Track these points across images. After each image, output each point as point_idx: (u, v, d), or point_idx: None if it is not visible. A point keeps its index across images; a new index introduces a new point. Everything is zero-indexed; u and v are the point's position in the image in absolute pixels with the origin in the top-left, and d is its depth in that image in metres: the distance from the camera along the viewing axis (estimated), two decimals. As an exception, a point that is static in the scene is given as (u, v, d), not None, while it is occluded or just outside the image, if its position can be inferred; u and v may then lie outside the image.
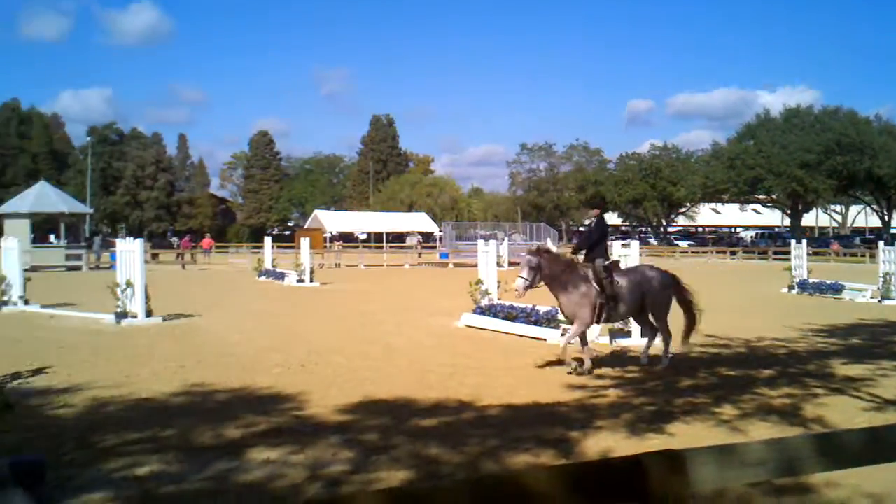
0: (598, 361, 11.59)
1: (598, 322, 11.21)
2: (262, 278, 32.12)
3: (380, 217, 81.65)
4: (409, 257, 54.74)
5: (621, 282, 11.03)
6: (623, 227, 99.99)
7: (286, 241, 68.34)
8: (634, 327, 13.58)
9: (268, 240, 37.00)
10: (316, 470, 6.20)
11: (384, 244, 68.32)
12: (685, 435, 7.35)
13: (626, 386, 9.98)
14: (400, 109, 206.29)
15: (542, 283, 10.96)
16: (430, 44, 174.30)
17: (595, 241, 11.27)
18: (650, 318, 11.52)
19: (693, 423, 7.95)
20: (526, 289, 10.77)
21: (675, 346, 11.45)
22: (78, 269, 39.92)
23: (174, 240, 59.87)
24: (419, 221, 77.98)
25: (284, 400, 8.97)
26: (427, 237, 72.90)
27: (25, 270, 21.02)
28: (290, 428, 7.63)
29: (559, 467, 2.76)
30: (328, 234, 68.08)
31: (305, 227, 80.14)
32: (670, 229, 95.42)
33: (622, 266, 12.25)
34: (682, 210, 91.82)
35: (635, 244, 14.61)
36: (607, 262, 11.06)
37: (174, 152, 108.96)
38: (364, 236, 77.51)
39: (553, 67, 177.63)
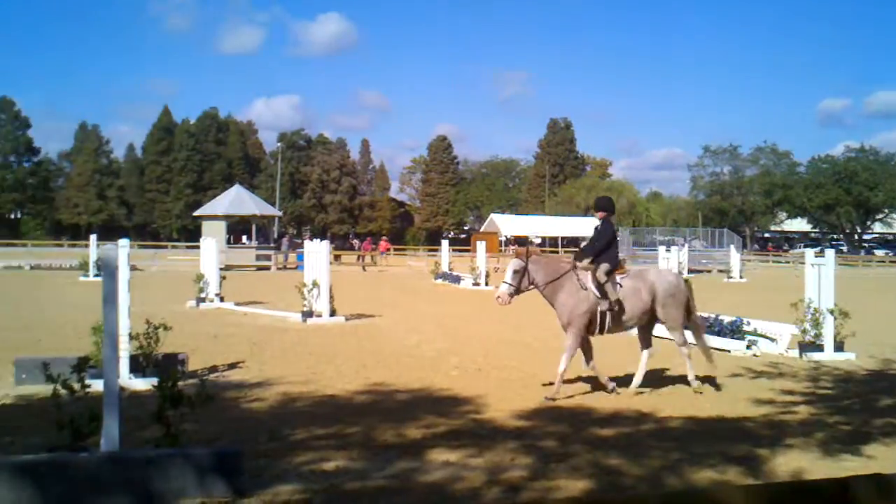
0: (789, 376, 11.08)
1: (600, 332, 9.79)
2: (439, 281, 32.69)
3: (555, 221, 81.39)
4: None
5: (626, 284, 9.80)
6: (812, 235, 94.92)
7: (462, 244, 69.30)
8: (827, 340, 12.85)
9: (444, 243, 37.60)
10: (495, 474, 6.23)
11: (559, 248, 68.00)
12: (886, 458, 6.87)
13: (818, 403, 9.45)
14: (578, 112, 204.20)
15: (533, 289, 9.82)
16: (609, 45, 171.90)
17: (602, 248, 9.87)
18: (667, 328, 10.31)
19: (894, 445, 7.42)
20: (511, 295, 9.67)
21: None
22: (267, 268, 42.01)
23: (356, 242, 61.84)
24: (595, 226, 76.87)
25: (462, 402, 9.09)
26: (603, 242, 71.87)
27: (220, 269, 22.31)
28: (468, 431, 7.71)
29: (755, 487, 2.64)
30: (503, 238, 68.43)
31: (481, 230, 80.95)
32: (865, 237, 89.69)
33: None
34: (880, 216, 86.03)
35: (830, 253, 13.78)
36: (612, 267, 9.79)
37: (357, 157, 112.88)
38: (539, 240, 77.43)
39: (739, 66, 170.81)
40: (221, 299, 20.56)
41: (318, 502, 5.52)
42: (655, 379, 10.67)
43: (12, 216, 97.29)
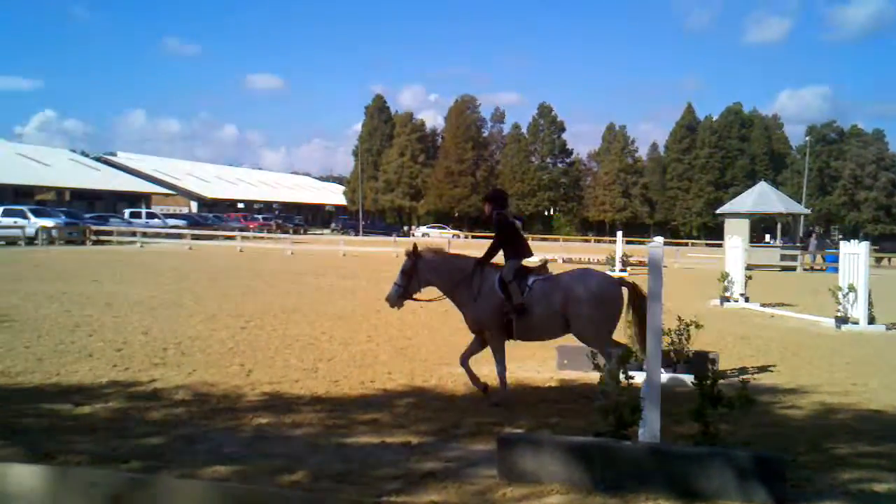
0: None
1: (509, 338, 8.63)
2: None
3: None
4: None
5: (537, 287, 8.46)
6: None
7: None
8: None
9: None
10: None
11: None
12: None
13: None
14: None
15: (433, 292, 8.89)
16: None
17: (497, 245, 8.85)
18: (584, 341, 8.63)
19: None
20: (400, 298, 8.70)
21: None
22: (792, 269, 40.11)
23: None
24: None
25: None
26: None
27: (744, 268, 21.81)
28: None
29: None
30: None
31: None
32: None
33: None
34: None
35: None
36: (519, 264, 8.60)
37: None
38: None
39: None
40: (746, 299, 20.11)
41: (870, 527, 5.07)
42: None
43: (546, 213, 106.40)
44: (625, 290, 8.66)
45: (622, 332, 8.82)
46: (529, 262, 8.76)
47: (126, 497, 2.27)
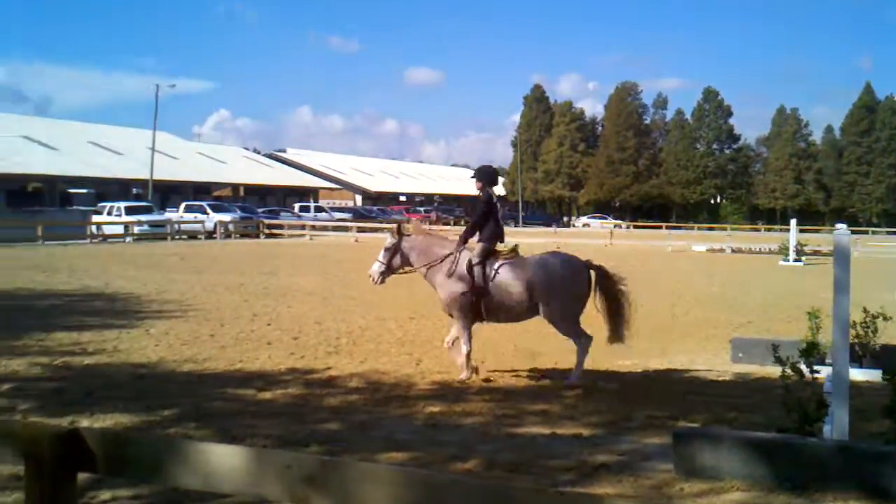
0: None
1: (479, 320, 8.93)
2: None
3: None
4: None
5: (502, 271, 8.69)
6: None
7: None
8: None
9: None
10: None
11: None
12: None
13: None
14: None
15: (412, 270, 9.32)
16: None
17: (475, 224, 9.19)
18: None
19: None
20: (382, 275, 9.16)
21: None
22: None
23: None
24: None
25: None
26: None
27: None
28: None
29: None
30: None
31: None
32: None
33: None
34: None
35: None
36: (490, 247, 8.86)
37: None
38: None
39: None
40: None
41: None
42: None
43: (713, 201, 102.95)
44: (593, 274, 8.88)
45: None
46: (500, 247, 9.00)
47: (318, 478, 2.36)
